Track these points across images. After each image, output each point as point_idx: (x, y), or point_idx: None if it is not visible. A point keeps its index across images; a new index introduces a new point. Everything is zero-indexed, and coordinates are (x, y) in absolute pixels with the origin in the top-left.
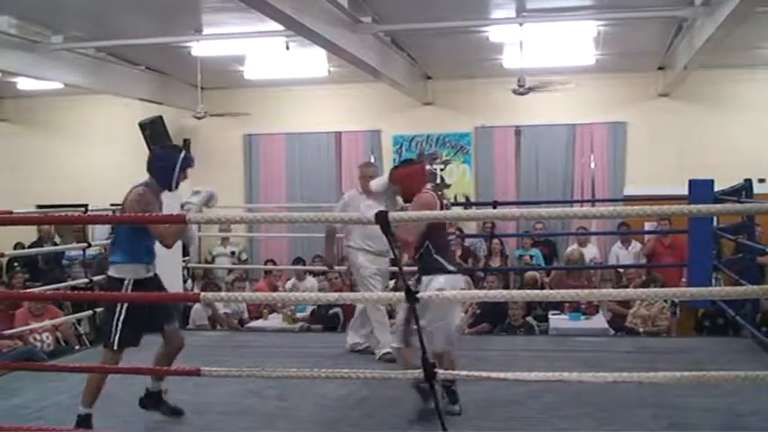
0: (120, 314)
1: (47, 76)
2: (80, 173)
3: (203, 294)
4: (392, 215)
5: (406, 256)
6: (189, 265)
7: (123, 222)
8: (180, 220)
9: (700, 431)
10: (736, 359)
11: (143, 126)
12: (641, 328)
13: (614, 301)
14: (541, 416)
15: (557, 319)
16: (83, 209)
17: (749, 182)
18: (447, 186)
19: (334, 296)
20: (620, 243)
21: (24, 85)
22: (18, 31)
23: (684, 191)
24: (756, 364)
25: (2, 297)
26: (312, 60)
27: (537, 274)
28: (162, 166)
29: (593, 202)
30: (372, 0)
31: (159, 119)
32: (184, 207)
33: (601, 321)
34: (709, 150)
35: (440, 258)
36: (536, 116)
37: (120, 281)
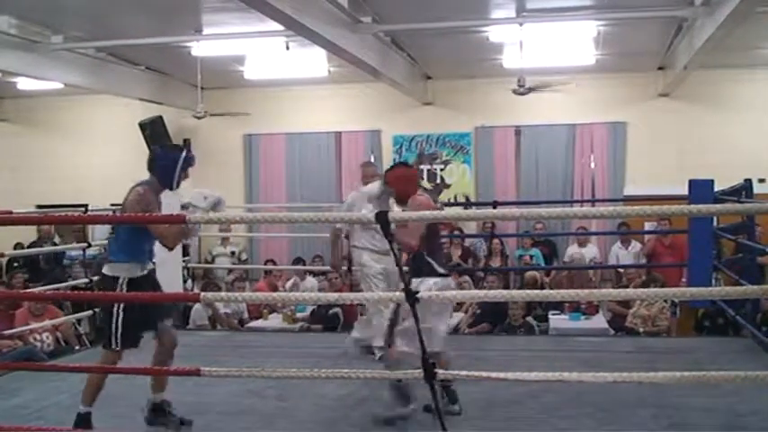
0: (118, 315)
1: (47, 76)
2: (80, 173)
3: (203, 294)
4: (392, 215)
5: (405, 256)
6: (189, 265)
7: (123, 222)
8: (180, 220)
9: (700, 431)
10: (736, 359)
11: (143, 126)
12: (641, 328)
13: (614, 301)
14: (541, 416)
15: (557, 319)
16: (83, 209)
17: (749, 182)
18: (447, 186)
19: (334, 296)
20: (620, 243)
21: (24, 85)
22: (18, 31)
23: (684, 191)
24: (756, 364)
25: (2, 297)
26: (312, 60)
27: (537, 274)
28: (163, 165)
29: (593, 202)
30: (372, 0)
31: (159, 119)
32: (189, 210)
33: (601, 321)
34: (709, 150)
35: (431, 261)
36: (536, 116)
37: (115, 279)
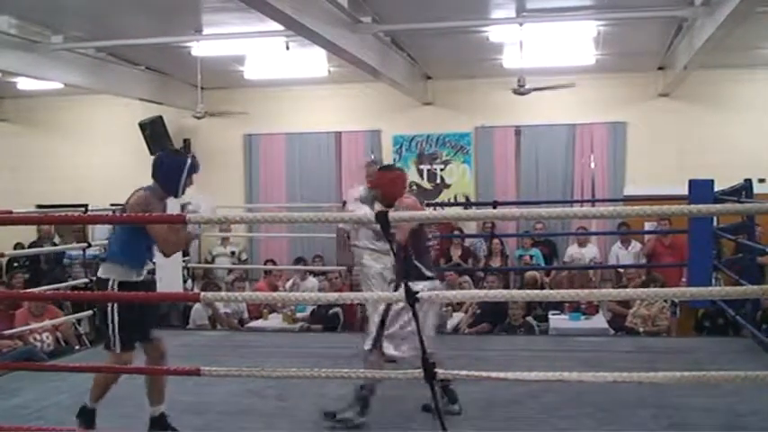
0: (113, 316)
1: (47, 76)
2: (80, 173)
3: (203, 294)
4: (392, 215)
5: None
6: (189, 265)
7: (123, 222)
8: (180, 220)
9: (700, 431)
10: (736, 359)
11: (143, 126)
12: (641, 328)
13: (614, 300)
14: (541, 416)
15: (557, 319)
16: (83, 209)
17: (749, 182)
18: (447, 186)
19: (334, 296)
20: (620, 243)
21: (24, 85)
22: (18, 31)
23: (684, 191)
24: (756, 364)
25: (2, 297)
26: (312, 60)
27: (537, 274)
28: (168, 172)
29: (593, 202)
30: (372, 0)
31: (159, 119)
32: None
33: (601, 321)
34: (709, 150)
35: (419, 264)
36: (536, 116)
37: (106, 281)
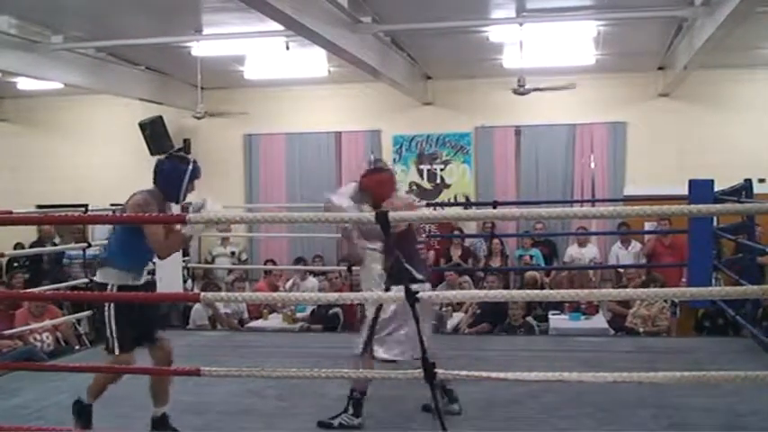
0: (111, 319)
1: (47, 76)
2: (80, 173)
3: (203, 294)
4: (392, 215)
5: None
6: (189, 265)
7: (123, 223)
8: (180, 219)
9: (700, 431)
10: (736, 359)
11: (143, 126)
12: (641, 328)
13: (614, 301)
14: (541, 416)
15: (557, 319)
16: (83, 209)
17: (749, 182)
18: (447, 186)
19: (334, 296)
20: (620, 243)
21: (24, 85)
22: (18, 31)
23: (684, 191)
24: (756, 364)
25: (2, 297)
26: (312, 60)
27: (537, 274)
28: (169, 178)
29: (593, 202)
30: (372, 0)
31: (159, 119)
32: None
33: (601, 321)
34: (709, 150)
35: (409, 267)
36: (536, 116)
37: (104, 286)
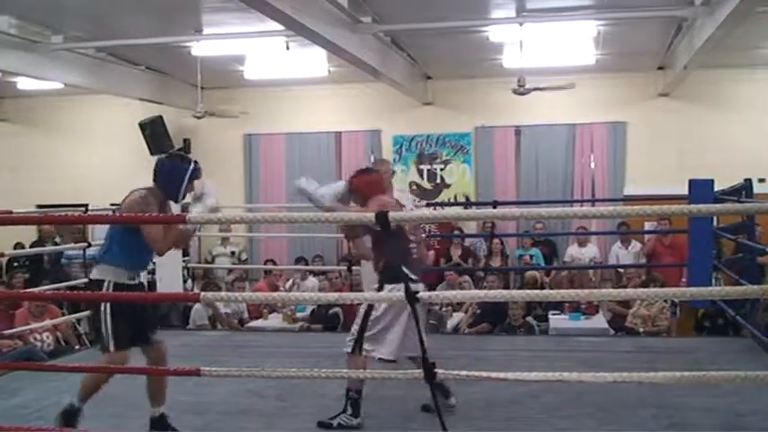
0: (106, 317)
1: (47, 76)
2: (80, 173)
3: (203, 294)
4: (392, 215)
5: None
6: (189, 265)
7: (123, 223)
8: (180, 220)
9: (700, 431)
10: (736, 359)
11: (143, 126)
12: (641, 328)
13: (614, 301)
14: (541, 416)
15: (557, 319)
16: (83, 209)
17: (749, 182)
18: (447, 186)
19: (334, 296)
20: (620, 243)
21: (24, 85)
22: (18, 31)
23: (684, 191)
24: (756, 364)
25: (2, 297)
26: (312, 60)
27: (537, 274)
28: (169, 177)
29: (593, 201)
30: (372, 0)
31: (159, 119)
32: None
33: (601, 321)
34: (709, 150)
35: (402, 267)
36: (536, 116)
37: (100, 283)
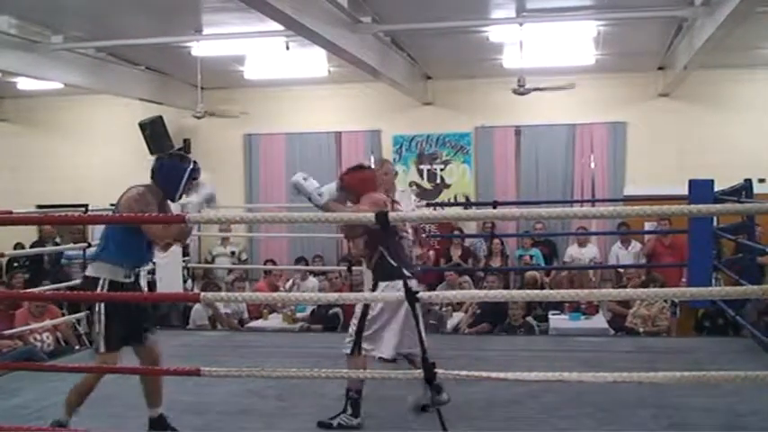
0: (100, 316)
1: (47, 76)
2: (80, 173)
3: (203, 294)
4: (392, 215)
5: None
6: (189, 265)
7: (123, 223)
8: (179, 220)
9: (700, 431)
10: (736, 359)
11: (143, 126)
12: (641, 328)
13: (614, 301)
14: (541, 416)
15: (557, 319)
16: (83, 209)
17: (749, 182)
18: (447, 186)
19: (334, 296)
20: (620, 243)
21: (24, 85)
22: (18, 31)
23: (684, 191)
24: (756, 364)
25: (2, 297)
26: (312, 60)
27: (537, 274)
28: (168, 175)
29: (593, 202)
30: (372, 0)
31: (159, 119)
32: (184, 208)
33: (601, 321)
34: (709, 150)
35: (396, 264)
36: (536, 116)
37: (95, 280)
